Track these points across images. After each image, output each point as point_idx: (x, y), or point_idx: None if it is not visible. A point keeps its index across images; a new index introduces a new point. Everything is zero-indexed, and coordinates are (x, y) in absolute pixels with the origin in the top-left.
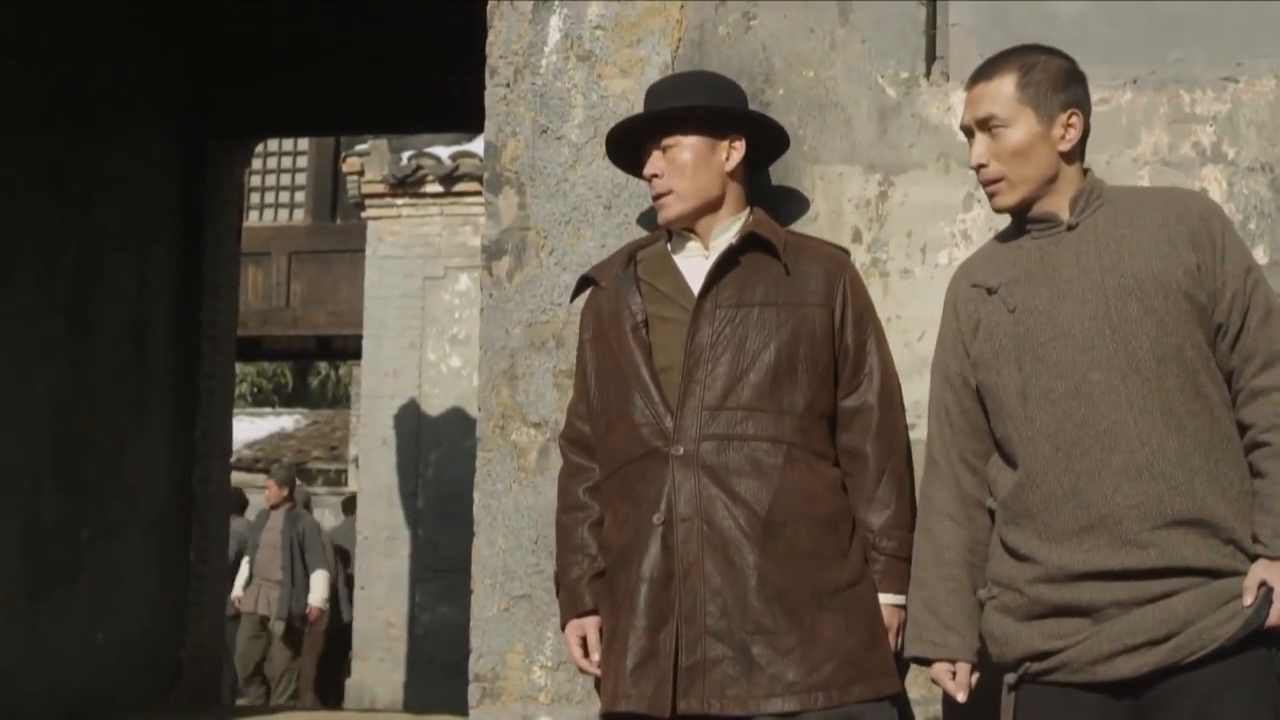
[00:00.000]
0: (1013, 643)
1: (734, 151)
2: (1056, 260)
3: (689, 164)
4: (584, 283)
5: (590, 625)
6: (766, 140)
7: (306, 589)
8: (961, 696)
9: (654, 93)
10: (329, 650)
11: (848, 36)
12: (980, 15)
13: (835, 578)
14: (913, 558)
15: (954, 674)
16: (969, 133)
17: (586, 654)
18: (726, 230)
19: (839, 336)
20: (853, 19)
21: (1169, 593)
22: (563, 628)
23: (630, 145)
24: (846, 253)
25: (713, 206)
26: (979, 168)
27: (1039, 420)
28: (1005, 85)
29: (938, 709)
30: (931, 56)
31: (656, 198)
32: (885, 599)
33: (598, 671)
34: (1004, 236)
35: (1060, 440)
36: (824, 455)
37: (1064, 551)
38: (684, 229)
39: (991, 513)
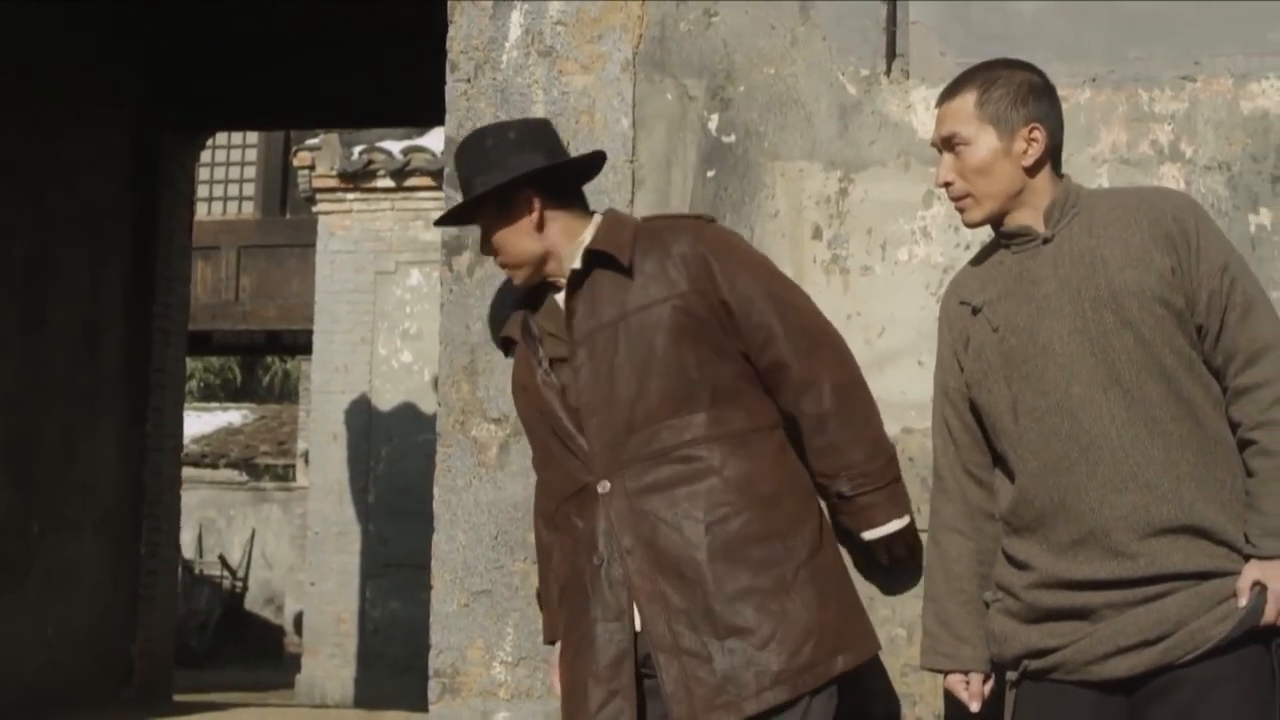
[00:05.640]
0: (1011, 641)
1: (531, 213)
2: (1035, 275)
3: (504, 243)
4: (506, 343)
5: None
6: (571, 168)
7: None
8: (975, 706)
9: (457, 162)
10: None
11: (808, 33)
12: (941, 13)
13: (795, 554)
14: (924, 571)
15: (967, 684)
16: (939, 150)
17: None
18: (573, 257)
19: (724, 307)
20: (813, 16)
21: (1161, 594)
22: (548, 642)
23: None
24: (705, 219)
25: (545, 259)
26: (946, 185)
27: (1027, 437)
28: (966, 103)
29: (920, 708)
30: (892, 54)
31: (502, 266)
32: (872, 534)
33: None
34: (987, 250)
35: (1047, 456)
36: (748, 432)
37: (1059, 562)
38: (542, 280)
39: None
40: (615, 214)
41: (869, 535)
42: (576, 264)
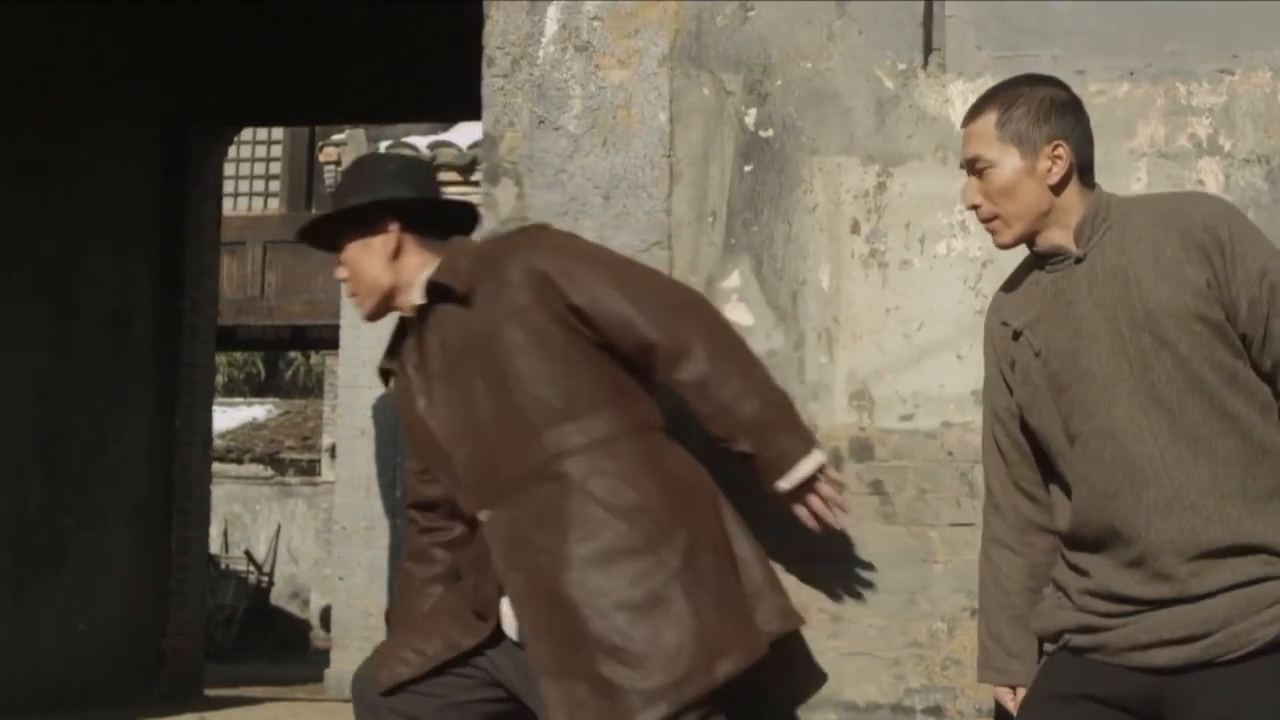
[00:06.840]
0: (1057, 616)
1: (388, 241)
2: (1070, 296)
3: (357, 264)
4: (385, 375)
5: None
6: (437, 207)
7: None
8: None
9: (338, 185)
10: None
11: (845, 28)
12: (977, 6)
13: (667, 564)
14: (978, 585)
15: (1015, 697)
16: (966, 172)
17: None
18: (418, 291)
19: (575, 311)
20: (850, 10)
21: (1209, 594)
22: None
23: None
24: (537, 228)
25: (393, 291)
26: (974, 208)
27: (1076, 461)
28: (987, 124)
29: (961, 701)
30: (929, 48)
31: (352, 296)
32: (788, 482)
33: None
34: (1023, 269)
35: (1094, 481)
36: (615, 437)
37: (1117, 577)
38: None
39: (1054, 532)
40: (460, 244)
41: (786, 485)
42: (419, 298)
